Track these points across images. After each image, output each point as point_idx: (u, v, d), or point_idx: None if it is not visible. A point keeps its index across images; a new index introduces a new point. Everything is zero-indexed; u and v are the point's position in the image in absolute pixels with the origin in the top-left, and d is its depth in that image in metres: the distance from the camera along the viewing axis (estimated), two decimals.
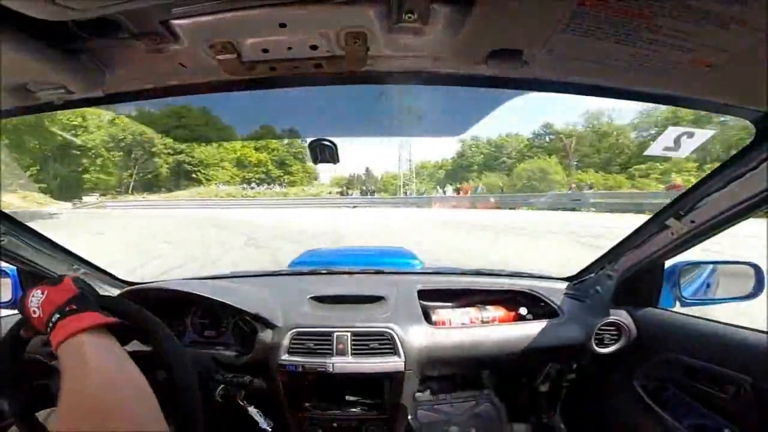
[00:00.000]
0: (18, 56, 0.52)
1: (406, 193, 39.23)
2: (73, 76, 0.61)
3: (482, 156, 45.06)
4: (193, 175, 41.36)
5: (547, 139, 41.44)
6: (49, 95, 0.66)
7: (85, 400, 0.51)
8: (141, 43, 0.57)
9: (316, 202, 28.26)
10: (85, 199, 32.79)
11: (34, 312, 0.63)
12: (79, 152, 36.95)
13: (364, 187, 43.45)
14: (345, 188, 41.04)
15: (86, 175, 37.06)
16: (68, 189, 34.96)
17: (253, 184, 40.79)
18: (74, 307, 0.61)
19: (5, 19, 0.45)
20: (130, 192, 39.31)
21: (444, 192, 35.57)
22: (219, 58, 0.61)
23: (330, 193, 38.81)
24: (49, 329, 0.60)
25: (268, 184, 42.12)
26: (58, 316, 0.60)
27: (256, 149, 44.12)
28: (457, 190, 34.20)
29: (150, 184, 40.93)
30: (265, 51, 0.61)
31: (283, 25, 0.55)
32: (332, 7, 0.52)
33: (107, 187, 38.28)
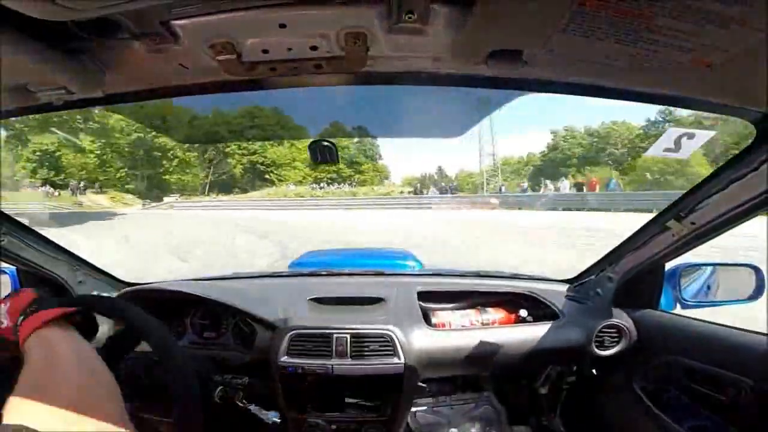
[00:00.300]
0: (18, 56, 0.52)
1: (500, 189, 31.59)
2: (73, 77, 0.61)
3: (581, 148, 38.48)
4: (266, 176, 40.68)
5: (667, 126, 30.69)
6: (49, 95, 0.66)
7: (45, 388, 0.50)
8: (141, 43, 0.57)
9: (388, 201, 24.60)
10: (166, 200, 33.16)
11: (1, 323, 0.64)
12: (160, 153, 37.39)
13: (442, 185, 38.08)
14: (418, 187, 36.08)
15: (167, 176, 37.65)
16: (153, 190, 36.16)
17: (323, 184, 39.33)
18: (35, 307, 0.63)
19: (5, 19, 0.45)
20: (206, 193, 39.20)
21: (557, 188, 26.08)
22: (219, 58, 0.61)
23: (402, 192, 34.32)
24: (15, 334, 0.61)
25: (339, 183, 40.57)
26: (22, 317, 0.61)
27: None
28: (579, 186, 25.60)
29: (225, 185, 40.71)
30: (265, 51, 0.61)
31: (283, 26, 0.55)
32: (332, 7, 0.52)
33: (186, 188, 38.59)
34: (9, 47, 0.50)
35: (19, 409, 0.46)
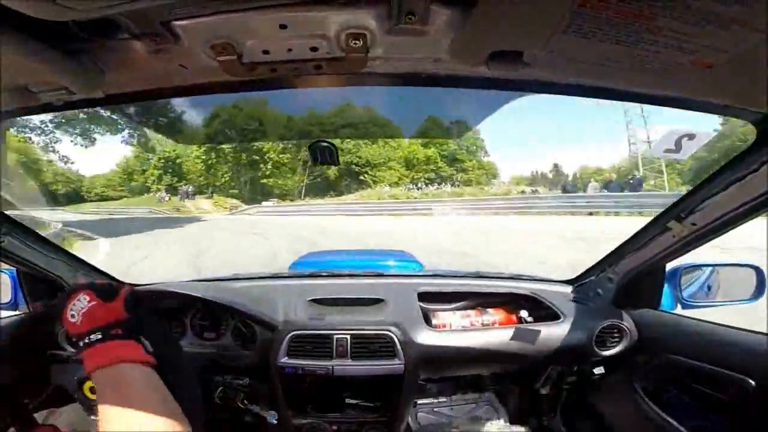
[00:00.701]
0: (18, 57, 0.52)
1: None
2: (74, 77, 0.61)
3: None
4: (361, 177, 37.30)
5: None
6: (49, 96, 0.66)
7: None
8: (141, 43, 0.57)
9: (516, 205, 17.37)
10: (264, 203, 31.65)
11: (72, 317, 0.60)
12: (257, 157, 36.81)
13: (568, 183, 28.75)
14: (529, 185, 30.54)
15: (264, 180, 36.78)
16: (253, 194, 35.61)
17: (420, 184, 35.18)
18: (119, 332, 0.59)
19: (5, 19, 0.45)
20: (302, 197, 36.92)
21: None
22: (219, 59, 0.61)
23: (523, 192, 26.21)
24: (83, 344, 0.58)
25: (439, 183, 35.81)
26: (99, 336, 0.58)
27: (424, 145, 39.03)
28: None
29: (320, 188, 38.03)
30: (265, 52, 0.61)
31: (283, 27, 0.55)
32: (332, 8, 0.52)
33: (282, 192, 37.06)
34: (9, 47, 0.50)
35: None
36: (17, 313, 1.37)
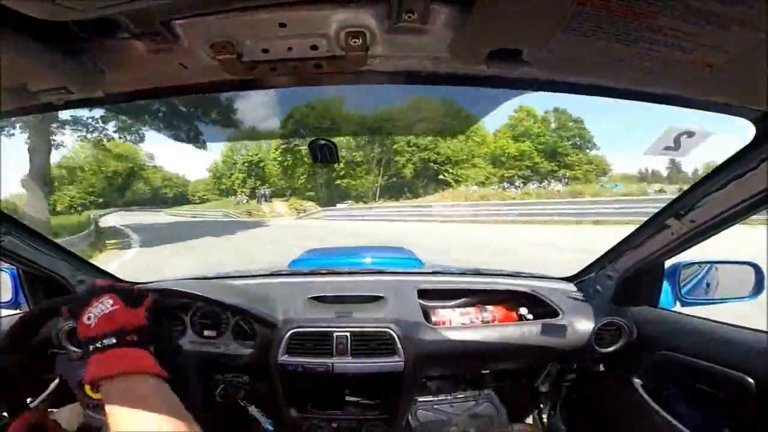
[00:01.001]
0: (18, 56, 0.52)
1: None
2: (74, 77, 0.61)
3: None
4: (441, 176, 33.61)
5: None
6: (49, 96, 0.66)
7: None
8: (141, 43, 0.57)
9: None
10: (339, 206, 29.75)
11: (88, 319, 0.58)
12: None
13: None
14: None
15: (338, 181, 35.19)
16: (328, 195, 34.20)
17: (518, 182, 30.62)
18: (135, 338, 0.58)
19: (5, 19, 0.45)
20: (376, 198, 34.14)
21: None
22: (219, 58, 0.61)
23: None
24: (93, 348, 0.56)
25: (539, 181, 31.68)
26: (113, 341, 0.56)
27: (515, 138, 33.97)
28: None
29: (396, 188, 35.38)
30: (265, 51, 0.61)
31: (283, 25, 0.55)
32: (332, 7, 0.52)
33: (357, 194, 34.82)
34: (9, 47, 0.50)
35: None
36: (18, 311, 1.37)
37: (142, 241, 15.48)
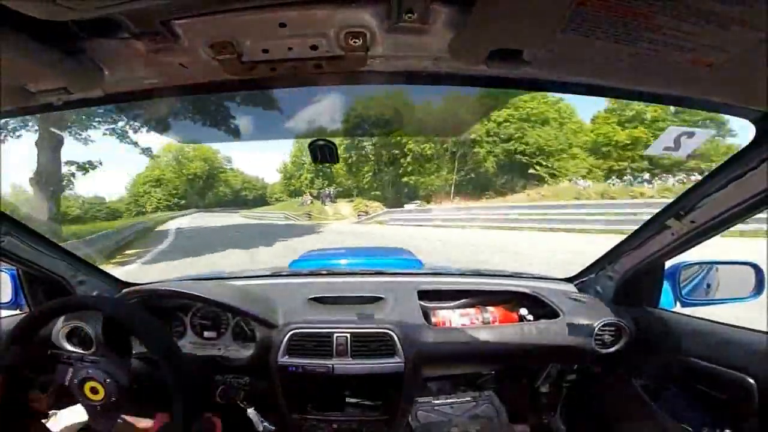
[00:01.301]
0: (18, 56, 0.52)
1: None
2: (73, 76, 0.61)
3: None
4: (531, 170, 26.72)
5: None
6: (49, 96, 0.66)
7: None
8: (141, 43, 0.57)
9: None
10: (407, 207, 25.70)
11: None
12: (397, 150, 30.35)
13: None
14: None
15: (405, 178, 30.62)
16: (395, 195, 30.69)
17: (627, 178, 23.01)
18: None
19: (5, 19, 0.45)
20: (451, 197, 28.22)
21: None
22: (219, 58, 0.61)
23: None
24: None
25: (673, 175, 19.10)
26: None
27: (622, 124, 26.23)
28: None
29: (474, 185, 28.73)
30: (265, 51, 0.61)
31: (283, 26, 0.55)
32: (332, 7, 0.52)
33: (426, 192, 29.68)
34: (9, 47, 0.50)
35: None
36: (17, 312, 1.37)
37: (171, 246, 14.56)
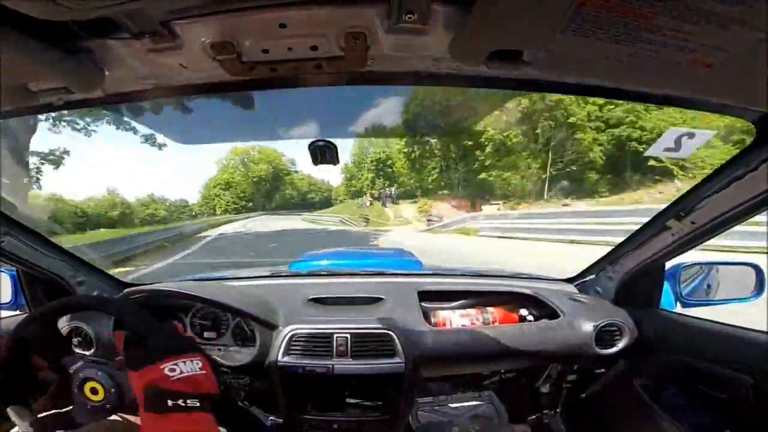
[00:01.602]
0: (18, 56, 0.52)
1: None
2: (74, 77, 0.61)
3: None
4: (649, 162, 20.81)
5: None
6: (49, 96, 0.66)
7: None
8: (141, 43, 0.57)
9: None
10: (486, 209, 21.49)
11: (171, 371, 0.59)
12: (470, 142, 24.68)
13: None
14: None
15: (483, 174, 24.84)
16: (470, 193, 25.37)
17: None
18: (210, 406, 0.60)
19: (5, 19, 0.45)
20: (545, 197, 22.94)
21: None
22: (219, 58, 0.61)
23: None
24: (174, 404, 0.56)
25: None
26: (198, 404, 0.57)
27: None
28: None
29: (574, 180, 22.87)
30: (265, 51, 0.61)
31: (283, 26, 0.55)
32: (332, 7, 0.52)
33: (506, 191, 23.88)
34: (9, 47, 0.50)
35: None
36: (18, 313, 1.37)
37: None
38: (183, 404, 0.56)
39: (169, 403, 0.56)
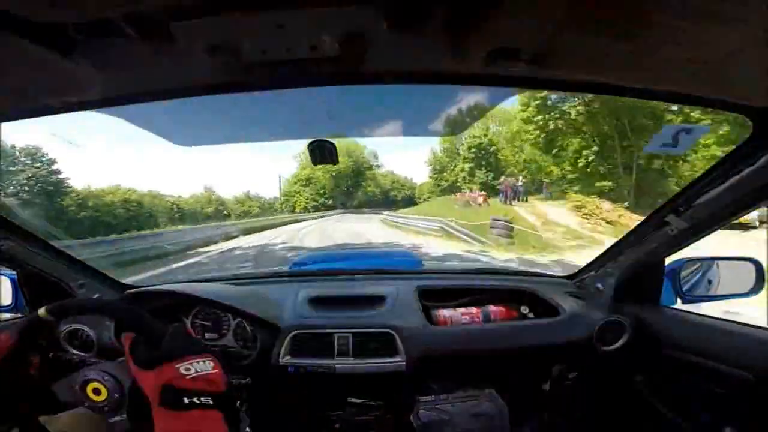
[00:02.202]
0: (17, 57, 0.52)
1: None
2: (73, 77, 0.61)
3: None
4: None
5: None
6: (48, 96, 0.66)
7: None
8: (141, 44, 0.57)
9: None
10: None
11: (187, 370, 0.60)
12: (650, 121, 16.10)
13: None
14: None
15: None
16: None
17: None
18: (220, 404, 0.61)
19: (5, 20, 0.45)
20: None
21: None
22: (218, 58, 0.61)
23: None
24: (190, 402, 0.58)
25: None
26: (211, 402, 0.59)
27: None
28: None
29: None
30: (264, 52, 0.61)
31: (281, 26, 0.55)
32: (330, 7, 0.52)
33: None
34: (9, 48, 0.50)
35: None
36: (18, 315, 1.37)
37: None
38: (198, 402, 0.58)
39: (185, 400, 0.58)
